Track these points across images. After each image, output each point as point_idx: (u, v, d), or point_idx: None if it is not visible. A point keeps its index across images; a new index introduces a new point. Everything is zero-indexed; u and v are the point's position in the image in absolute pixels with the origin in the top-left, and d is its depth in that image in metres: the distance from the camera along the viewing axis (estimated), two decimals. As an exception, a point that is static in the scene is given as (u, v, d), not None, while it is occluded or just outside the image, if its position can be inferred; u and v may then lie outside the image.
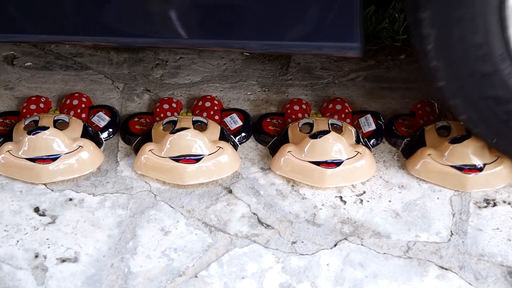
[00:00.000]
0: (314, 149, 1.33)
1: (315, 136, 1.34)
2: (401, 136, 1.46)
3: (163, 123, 1.46)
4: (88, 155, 1.37)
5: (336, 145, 1.33)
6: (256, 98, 1.64)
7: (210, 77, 1.74)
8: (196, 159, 1.34)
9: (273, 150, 1.42)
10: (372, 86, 1.69)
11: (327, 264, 1.16)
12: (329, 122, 1.44)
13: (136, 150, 1.42)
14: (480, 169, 1.32)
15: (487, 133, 1.27)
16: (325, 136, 1.34)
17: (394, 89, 1.67)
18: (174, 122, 1.46)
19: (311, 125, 1.44)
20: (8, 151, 1.36)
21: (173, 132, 1.36)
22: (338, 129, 1.43)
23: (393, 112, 1.57)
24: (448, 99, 1.23)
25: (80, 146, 1.37)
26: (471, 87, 1.20)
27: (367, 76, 1.74)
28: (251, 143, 1.48)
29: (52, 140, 1.35)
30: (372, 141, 1.46)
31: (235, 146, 1.43)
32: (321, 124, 1.44)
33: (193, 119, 1.46)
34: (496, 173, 1.32)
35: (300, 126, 1.45)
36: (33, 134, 1.35)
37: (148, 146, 1.37)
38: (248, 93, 1.67)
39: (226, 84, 1.71)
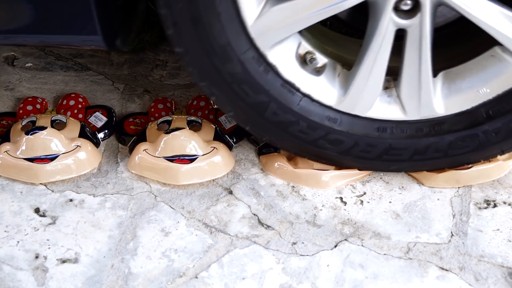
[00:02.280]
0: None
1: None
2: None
3: (158, 123, 1.46)
4: (86, 155, 1.37)
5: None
6: (256, 99, 1.64)
7: (210, 78, 1.74)
8: (190, 159, 1.34)
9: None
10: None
11: (328, 265, 1.16)
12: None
13: (131, 150, 1.42)
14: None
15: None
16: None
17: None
18: (169, 122, 1.46)
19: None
20: (6, 151, 1.36)
21: (167, 132, 1.36)
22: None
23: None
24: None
25: (77, 146, 1.37)
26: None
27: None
28: (251, 144, 1.48)
29: (50, 140, 1.36)
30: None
31: (230, 146, 1.43)
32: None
33: (188, 119, 1.46)
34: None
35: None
36: (31, 134, 1.35)
37: (142, 146, 1.37)
38: (249, 94, 1.67)
39: (226, 85, 1.71)
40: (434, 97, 1.21)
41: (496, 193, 1.32)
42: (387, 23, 1.13)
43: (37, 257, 1.18)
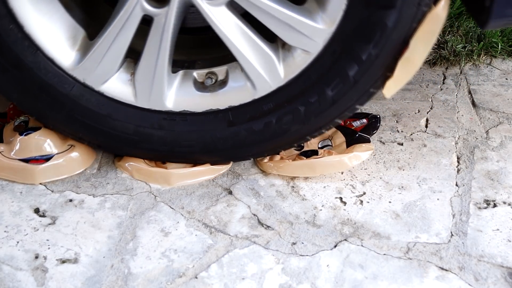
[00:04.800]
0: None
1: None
2: None
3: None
4: (80, 154, 1.38)
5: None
6: (256, 99, 1.64)
7: (210, 78, 1.74)
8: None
9: None
10: (372, 87, 1.69)
11: (327, 265, 1.16)
12: None
13: None
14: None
15: None
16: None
17: (394, 90, 1.67)
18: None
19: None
20: (0, 152, 1.36)
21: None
22: None
23: (393, 113, 1.57)
24: None
25: (71, 145, 1.38)
26: None
27: (367, 77, 1.74)
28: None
29: (44, 141, 1.36)
30: None
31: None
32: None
33: None
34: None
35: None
36: (24, 135, 1.36)
37: None
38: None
39: (226, 85, 1.71)
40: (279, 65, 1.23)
41: (496, 193, 1.32)
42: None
43: (36, 257, 1.18)
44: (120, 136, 1.31)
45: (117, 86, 1.26)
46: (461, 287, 1.12)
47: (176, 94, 1.27)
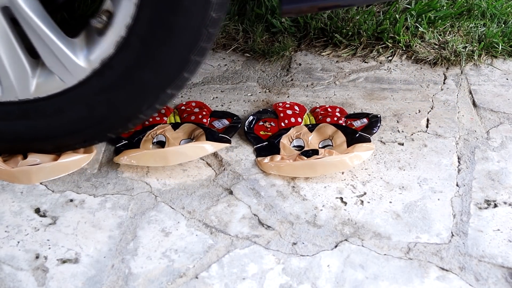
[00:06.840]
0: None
1: None
2: None
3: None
4: (75, 155, 1.38)
5: None
6: (256, 99, 1.64)
7: (210, 78, 1.74)
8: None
9: None
10: (372, 87, 1.69)
11: (328, 265, 1.16)
12: None
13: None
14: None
15: None
16: None
17: (395, 90, 1.68)
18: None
19: None
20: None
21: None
22: None
23: (394, 113, 1.57)
24: None
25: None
26: None
27: (368, 77, 1.74)
28: (251, 144, 1.48)
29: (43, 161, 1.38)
30: None
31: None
32: None
33: None
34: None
35: None
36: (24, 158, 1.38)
37: None
38: (249, 94, 1.67)
39: (226, 85, 1.71)
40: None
41: (497, 193, 1.32)
42: None
43: (37, 257, 1.18)
44: (87, 120, 1.32)
45: (43, 83, 1.28)
46: (462, 287, 1.12)
47: (88, 53, 1.25)
